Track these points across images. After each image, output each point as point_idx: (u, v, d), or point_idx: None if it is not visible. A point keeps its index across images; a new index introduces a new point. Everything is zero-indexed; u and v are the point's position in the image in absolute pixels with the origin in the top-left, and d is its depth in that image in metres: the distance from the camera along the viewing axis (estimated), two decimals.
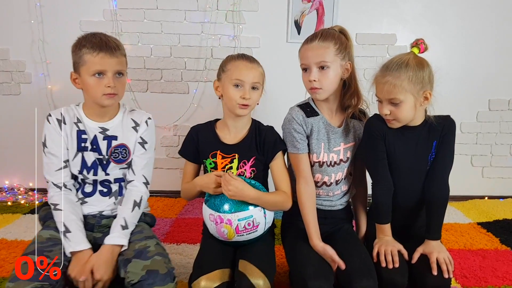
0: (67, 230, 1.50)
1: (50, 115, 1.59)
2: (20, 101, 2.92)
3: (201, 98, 2.92)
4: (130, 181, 1.67)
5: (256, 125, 1.71)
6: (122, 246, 1.52)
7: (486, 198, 3.01)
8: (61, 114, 1.59)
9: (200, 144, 1.68)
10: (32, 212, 2.60)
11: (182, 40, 2.87)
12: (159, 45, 2.87)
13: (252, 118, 1.72)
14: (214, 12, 2.81)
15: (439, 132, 1.59)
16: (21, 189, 2.94)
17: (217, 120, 1.74)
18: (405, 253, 1.55)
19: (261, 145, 1.66)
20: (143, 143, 1.66)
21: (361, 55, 2.79)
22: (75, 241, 1.50)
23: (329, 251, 1.51)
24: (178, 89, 2.93)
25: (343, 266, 1.46)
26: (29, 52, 2.84)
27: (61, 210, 1.53)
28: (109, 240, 1.52)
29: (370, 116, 1.69)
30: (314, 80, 1.57)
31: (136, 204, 1.62)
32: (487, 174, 3.06)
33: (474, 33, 2.88)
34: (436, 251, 1.50)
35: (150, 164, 1.70)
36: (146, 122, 1.68)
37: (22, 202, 2.78)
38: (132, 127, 1.66)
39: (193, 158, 1.71)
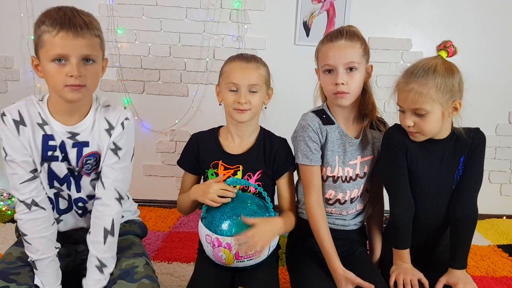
0: (35, 267, 1.31)
1: (4, 113, 1.27)
2: (7, 100, 2.66)
3: (201, 101, 2.79)
4: (98, 198, 1.38)
5: (265, 135, 1.57)
6: None
7: (505, 217, 2.86)
8: (19, 113, 1.28)
9: (200, 154, 1.54)
10: (13, 221, 2.41)
11: (182, 39, 2.74)
12: (158, 43, 2.74)
13: (260, 126, 1.59)
14: (218, 10, 2.68)
15: (468, 147, 1.45)
16: (4, 194, 2.75)
17: (220, 127, 1.61)
18: (426, 282, 1.41)
19: (271, 158, 1.52)
20: (116, 149, 1.36)
21: (373, 60, 2.55)
22: (44, 281, 1.31)
23: (351, 277, 1.37)
24: (177, 91, 2.79)
25: (372, 286, 1.33)
26: (18, 48, 2.70)
27: (30, 244, 1.30)
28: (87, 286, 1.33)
29: (390, 126, 1.55)
30: (342, 83, 1.41)
31: (108, 233, 1.35)
32: (506, 192, 2.93)
33: (495, 41, 2.75)
34: (463, 282, 1.38)
35: (125, 175, 1.41)
36: (122, 124, 1.37)
37: (4, 209, 2.60)
38: (106, 130, 1.37)
39: (193, 169, 1.57)
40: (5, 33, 2.69)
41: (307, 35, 2.70)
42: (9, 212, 2.56)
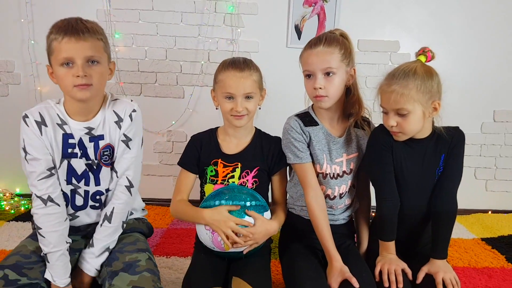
0: (47, 259, 1.39)
1: (26, 115, 1.38)
2: (8, 103, 2.83)
3: (196, 103, 2.86)
4: (110, 190, 1.51)
5: (260, 134, 1.66)
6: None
7: (490, 212, 2.94)
8: (40, 114, 1.39)
9: (201, 154, 1.60)
10: (16, 219, 2.49)
11: (178, 43, 2.80)
12: (154, 47, 2.80)
13: (255, 127, 1.67)
14: (212, 14, 2.75)
15: (448, 145, 1.52)
16: (7, 194, 2.83)
17: (218, 127, 1.67)
18: (409, 272, 1.48)
19: (267, 156, 1.61)
20: (127, 140, 1.48)
21: (362, 62, 2.74)
22: (54, 274, 1.39)
23: (344, 271, 1.44)
24: (173, 93, 2.86)
25: (357, 284, 1.39)
26: (19, 52, 2.76)
27: (44, 237, 1.39)
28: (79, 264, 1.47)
29: (375, 126, 1.62)
30: (320, 88, 1.48)
31: (106, 218, 1.46)
32: (491, 188, 3.00)
33: (481, 42, 2.83)
34: (443, 271, 1.44)
35: (136, 163, 1.52)
36: (130, 115, 1.48)
37: (7, 208, 2.67)
38: (115, 122, 1.47)
39: (195, 169, 1.62)
40: (6, 38, 2.75)
41: (299, 38, 2.76)
42: (12, 211, 2.63)
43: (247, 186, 1.56)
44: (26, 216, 2.52)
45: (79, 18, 1.35)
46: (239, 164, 1.57)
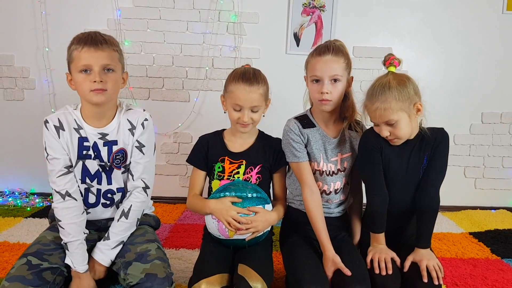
0: (67, 248, 1.53)
1: (47, 121, 1.54)
2: (24, 107, 2.96)
3: (201, 106, 2.97)
4: (128, 191, 1.65)
5: (263, 136, 1.78)
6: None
7: (479, 209, 3.05)
8: (59, 120, 1.54)
9: (209, 152, 1.73)
10: (33, 216, 2.63)
11: (184, 50, 2.92)
12: (162, 54, 2.92)
13: (258, 129, 1.79)
14: (216, 23, 2.87)
15: (431, 144, 1.62)
16: (22, 193, 2.98)
17: (223, 130, 1.80)
18: (397, 260, 1.59)
19: (269, 155, 1.73)
20: (140, 147, 1.62)
21: (358, 67, 2.82)
22: (74, 261, 1.52)
23: (337, 261, 1.55)
24: (179, 97, 2.97)
25: (349, 273, 1.50)
26: (34, 59, 2.89)
27: (63, 228, 1.53)
28: (94, 255, 1.58)
29: (366, 129, 1.73)
30: (327, 93, 1.60)
31: (123, 214, 1.60)
32: (480, 185, 3.11)
33: (469, 48, 2.95)
34: (426, 258, 1.55)
35: (150, 167, 1.67)
36: (143, 124, 1.61)
37: (23, 205, 2.80)
38: (129, 129, 1.61)
39: (203, 165, 1.74)
40: (22, 45, 2.88)
41: (297, 45, 2.89)
42: (28, 208, 2.77)
43: (251, 182, 1.68)
44: (42, 213, 2.65)
45: (97, 32, 1.52)
46: (244, 161, 1.69)
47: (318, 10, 2.86)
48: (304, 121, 1.72)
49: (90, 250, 1.61)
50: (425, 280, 1.50)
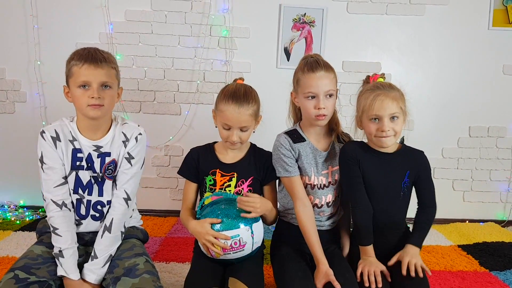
0: (61, 255, 1.52)
1: (44, 131, 1.58)
2: (14, 120, 2.96)
3: (192, 119, 2.99)
4: (110, 202, 1.66)
5: (255, 148, 1.80)
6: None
7: (467, 221, 3.08)
8: (55, 131, 1.59)
9: (200, 164, 1.74)
10: (22, 229, 2.61)
11: (175, 64, 2.94)
12: (153, 68, 2.94)
13: (250, 142, 1.81)
14: (207, 37, 2.90)
15: (414, 165, 1.70)
16: (11, 206, 2.95)
17: (215, 142, 1.81)
18: (387, 274, 1.60)
19: (260, 168, 1.75)
20: (129, 158, 1.65)
21: (347, 81, 2.87)
22: (67, 269, 1.51)
23: (329, 274, 1.56)
24: (171, 110, 2.99)
25: (338, 286, 1.50)
26: (25, 72, 2.90)
27: (61, 236, 1.53)
28: (85, 277, 1.55)
29: (343, 144, 1.77)
30: (323, 108, 1.63)
31: (106, 229, 1.60)
32: (468, 198, 3.14)
33: (455, 64, 3.00)
34: (410, 256, 1.59)
35: (135, 179, 1.67)
36: (136, 138, 1.65)
37: (13, 219, 2.78)
38: (122, 141, 1.65)
39: (194, 177, 1.75)
40: (13, 58, 2.89)
41: (288, 60, 2.93)
42: (17, 221, 2.75)
43: (242, 194, 1.68)
44: (32, 226, 2.62)
45: (97, 49, 1.57)
46: (235, 174, 1.71)
47: (308, 26, 2.90)
48: (294, 135, 1.74)
49: (78, 265, 1.59)
50: (404, 272, 1.54)
